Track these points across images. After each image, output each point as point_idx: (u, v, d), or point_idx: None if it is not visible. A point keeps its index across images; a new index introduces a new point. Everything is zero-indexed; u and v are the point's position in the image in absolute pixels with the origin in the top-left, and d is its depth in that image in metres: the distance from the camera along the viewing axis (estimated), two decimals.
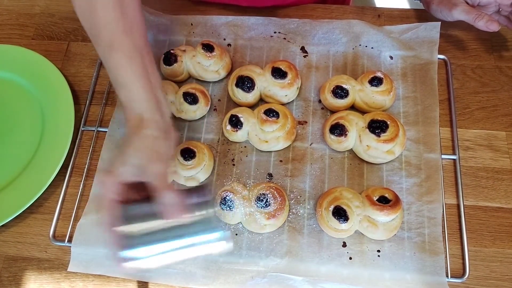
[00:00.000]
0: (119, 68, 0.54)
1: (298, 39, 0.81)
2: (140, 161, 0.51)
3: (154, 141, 0.52)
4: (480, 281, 0.63)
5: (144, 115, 0.53)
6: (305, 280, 0.62)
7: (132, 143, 0.52)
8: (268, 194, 0.64)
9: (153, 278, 0.65)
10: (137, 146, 0.51)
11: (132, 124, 0.53)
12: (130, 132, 0.53)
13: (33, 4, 0.91)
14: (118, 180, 0.50)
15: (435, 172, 0.68)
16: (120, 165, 0.51)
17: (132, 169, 0.51)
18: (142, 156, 0.51)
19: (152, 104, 0.54)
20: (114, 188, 0.50)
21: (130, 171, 0.51)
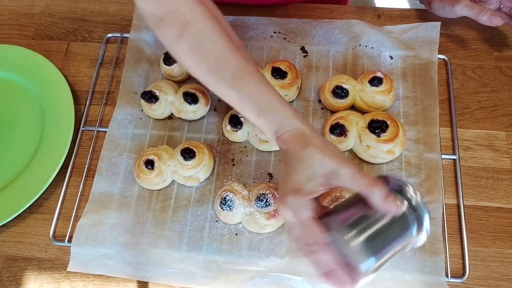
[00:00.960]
0: (257, 92, 0.53)
1: (298, 39, 0.81)
2: (328, 169, 0.47)
3: (329, 147, 0.50)
4: (480, 281, 0.63)
5: (303, 129, 0.51)
6: (305, 280, 0.62)
7: (309, 156, 0.48)
8: (268, 194, 0.64)
9: (153, 278, 0.65)
10: (316, 158, 0.48)
11: (295, 142, 0.50)
12: (296, 149, 0.50)
13: (33, 4, 0.91)
14: (310, 196, 0.47)
15: (435, 172, 0.68)
16: (306, 182, 0.47)
17: (321, 180, 0.47)
18: (328, 164, 0.48)
19: (301, 117, 0.52)
20: (308, 206, 0.47)
21: (319, 183, 0.47)
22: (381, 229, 0.46)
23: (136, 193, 0.70)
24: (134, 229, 0.67)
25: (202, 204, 0.69)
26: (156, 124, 0.76)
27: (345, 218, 0.47)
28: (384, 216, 0.46)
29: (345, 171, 0.47)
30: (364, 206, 0.47)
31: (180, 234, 0.67)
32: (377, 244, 0.45)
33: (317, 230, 0.46)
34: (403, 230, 0.46)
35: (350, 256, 0.45)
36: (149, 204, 0.69)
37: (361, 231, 0.45)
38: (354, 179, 0.46)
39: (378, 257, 0.45)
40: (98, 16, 0.88)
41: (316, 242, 0.46)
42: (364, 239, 0.45)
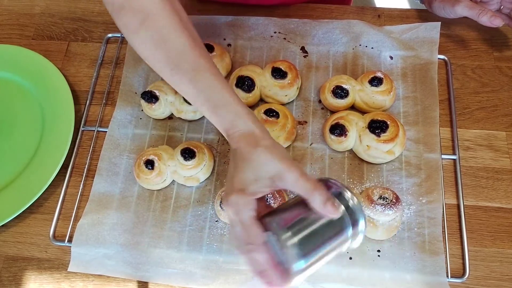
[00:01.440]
0: (213, 88, 0.53)
1: (298, 39, 0.81)
2: (275, 171, 0.48)
3: (278, 150, 0.50)
4: (480, 281, 0.63)
5: (254, 130, 0.51)
6: (305, 280, 0.62)
7: (257, 157, 0.49)
8: (268, 194, 0.64)
9: (153, 278, 0.65)
10: (262, 159, 0.49)
11: (244, 141, 0.51)
12: (245, 149, 0.50)
13: (33, 4, 0.91)
14: (254, 197, 0.48)
15: (435, 172, 0.68)
16: (252, 182, 0.48)
17: (267, 181, 0.48)
18: (275, 166, 0.48)
19: (254, 117, 0.53)
20: (251, 206, 0.47)
21: (264, 184, 0.48)
22: (316, 230, 0.47)
23: (136, 193, 0.70)
24: (134, 229, 0.67)
25: (202, 204, 0.69)
26: (156, 124, 0.76)
27: (285, 219, 0.48)
28: (321, 218, 0.47)
29: (291, 175, 0.47)
30: (305, 208, 0.48)
31: (180, 234, 0.67)
32: (310, 245, 0.47)
33: (256, 230, 0.47)
34: (338, 232, 0.48)
35: (284, 256, 0.46)
36: (149, 204, 0.69)
37: (296, 232, 0.46)
38: (298, 183, 0.47)
39: (309, 258, 0.46)
40: (98, 16, 0.88)
41: (253, 241, 0.47)
42: (298, 240, 0.46)
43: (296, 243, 0.46)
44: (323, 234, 0.47)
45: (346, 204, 0.48)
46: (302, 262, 0.46)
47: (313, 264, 0.47)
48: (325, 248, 0.48)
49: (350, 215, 0.48)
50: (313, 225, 0.47)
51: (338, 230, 0.48)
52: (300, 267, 0.46)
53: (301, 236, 0.46)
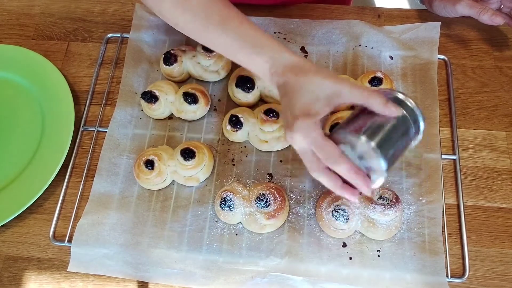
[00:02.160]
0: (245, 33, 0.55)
1: (298, 39, 0.81)
2: (329, 90, 0.50)
3: (326, 70, 0.53)
4: (480, 281, 0.63)
5: (297, 61, 0.53)
6: (305, 280, 0.62)
7: (310, 82, 0.51)
8: (268, 194, 0.64)
9: (153, 278, 0.65)
10: (317, 82, 0.51)
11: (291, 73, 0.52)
12: (294, 78, 0.52)
13: (33, 4, 0.91)
14: (318, 117, 0.50)
15: (435, 172, 0.68)
16: (312, 105, 0.50)
17: (325, 101, 0.50)
18: (328, 85, 0.51)
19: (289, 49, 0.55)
20: (318, 125, 0.49)
21: (323, 104, 0.50)
22: (387, 132, 0.50)
23: (136, 193, 0.70)
24: (134, 229, 0.67)
25: (202, 204, 0.69)
26: (156, 124, 0.76)
27: (352, 129, 0.51)
28: (387, 121, 0.50)
29: (346, 88, 0.50)
30: (367, 116, 0.51)
31: (180, 234, 0.67)
32: (386, 145, 0.49)
33: (331, 144, 0.49)
34: (405, 132, 0.51)
35: (364, 162, 0.50)
36: (149, 204, 0.69)
37: (370, 136, 0.49)
38: (354, 93, 0.50)
39: (389, 157, 0.49)
40: (98, 16, 0.88)
41: (331, 156, 0.49)
42: (375, 143, 0.48)
43: (374, 145, 0.48)
44: (394, 134, 0.50)
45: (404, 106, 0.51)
46: (384, 162, 0.49)
47: (392, 162, 0.50)
48: (398, 147, 0.51)
49: (410, 115, 0.51)
50: (382, 128, 0.50)
51: (405, 130, 0.51)
52: (384, 167, 0.49)
53: (376, 138, 0.49)
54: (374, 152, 0.48)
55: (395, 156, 0.51)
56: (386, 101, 0.50)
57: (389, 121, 0.50)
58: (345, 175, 0.49)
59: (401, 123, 0.51)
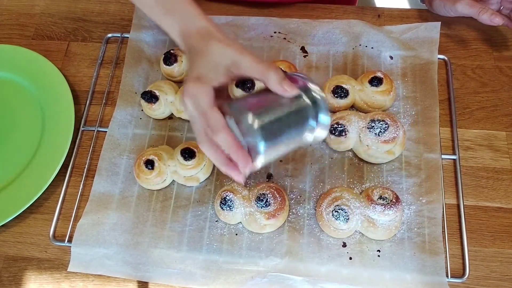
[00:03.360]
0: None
1: (298, 39, 0.81)
2: (230, 60, 0.50)
3: (231, 40, 0.52)
4: (480, 281, 0.63)
5: (208, 27, 0.53)
6: (305, 280, 0.62)
7: (212, 49, 0.51)
8: (268, 194, 0.64)
9: (153, 278, 0.65)
10: (218, 49, 0.50)
11: (198, 37, 0.53)
12: (200, 44, 0.52)
13: (33, 4, 0.91)
14: (211, 84, 0.49)
15: (435, 172, 0.68)
16: (208, 71, 0.50)
17: (223, 70, 0.50)
18: (229, 54, 0.50)
19: (206, 16, 0.55)
20: (208, 93, 0.48)
21: (221, 73, 0.50)
22: (278, 115, 0.48)
23: (136, 193, 0.70)
24: (134, 229, 0.67)
25: (202, 204, 0.69)
26: (156, 124, 0.76)
27: (246, 105, 0.49)
28: (281, 104, 0.48)
29: (245, 60, 0.49)
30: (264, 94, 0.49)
31: (180, 234, 0.67)
32: (272, 128, 0.47)
33: (215, 115, 0.48)
34: (301, 119, 0.49)
35: (246, 139, 0.47)
36: (149, 204, 0.69)
37: (258, 115, 0.47)
38: (252, 66, 0.49)
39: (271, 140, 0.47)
40: (98, 16, 0.88)
41: (213, 127, 0.48)
42: (260, 123, 0.47)
43: (258, 125, 0.47)
44: (285, 119, 0.48)
45: (312, 96, 0.49)
46: (262, 143, 0.47)
47: (275, 146, 0.48)
48: (287, 133, 0.49)
49: (313, 105, 0.49)
50: (273, 109, 0.48)
51: (301, 117, 0.49)
52: (261, 148, 0.47)
53: (262, 119, 0.47)
54: (255, 131, 0.47)
55: (280, 141, 0.49)
56: (282, 79, 0.48)
57: (283, 104, 0.49)
58: (225, 147, 0.48)
59: (298, 110, 0.49)
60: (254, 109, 0.48)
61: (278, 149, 0.49)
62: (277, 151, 0.49)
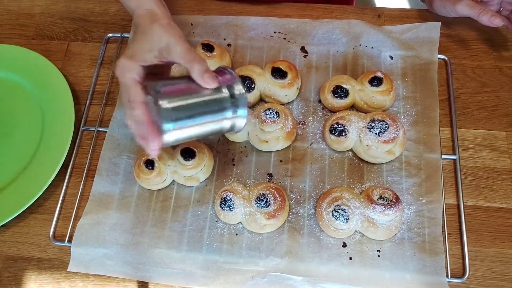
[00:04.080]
0: None
1: (298, 39, 0.81)
2: (165, 44, 0.54)
3: (173, 27, 0.56)
4: (480, 281, 0.63)
5: (156, 11, 0.58)
6: (305, 280, 0.62)
7: (152, 31, 0.55)
8: (268, 194, 0.64)
9: (153, 278, 0.65)
10: (158, 32, 0.55)
11: (145, 18, 0.57)
12: (145, 24, 0.57)
13: (33, 4, 0.91)
14: (141, 63, 0.53)
15: (435, 172, 0.68)
16: (142, 51, 0.54)
17: (156, 52, 0.54)
18: (166, 39, 0.54)
19: (160, 4, 0.59)
20: (135, 70, 0.53)
21: (153, 54, 0.54)
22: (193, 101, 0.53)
23: (136, 193, 0.70)
24: (134, 229, 0.67)
25: (202, 204, 0.69)
26: None
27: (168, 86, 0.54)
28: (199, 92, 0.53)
29: (177, 47, 0.54)
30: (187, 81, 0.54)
31: (180, 234, 0.67)
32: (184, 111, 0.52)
33: (136, 90, 0.52)
34: (218, 109, 0.54)
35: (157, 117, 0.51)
36: (149, 204, 0.69)
37: (172, 97, 0.52)
38: (182, 54, 0.54)
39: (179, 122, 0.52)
40: (98, 16, 0.88)
41: (133, 100, 0.52)
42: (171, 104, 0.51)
43: (169, 106, 0.51)
44: (200, 106, 0.53)
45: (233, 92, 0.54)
46: (171, 124, 0.51)
47: (185, 128, 0.53)
48: (199, 118, 0.54)
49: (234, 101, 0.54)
50: (190, 96, 0.53)
51: (217, 107, 0.54)
52: (168, 128, 0.51)
53: (173, 102, 0.52)
54: (161, 111, 0.51)
55: (190, 125, 0.53)
56: (205, 71, 0.52)
57: (203, 93, 0.53)
58: (139, 121, 0.52)
59: (216, 100, 0.54)
60: (169, 92, 0.52)
61: (189, 131, 0.54)
62: (189, 133, 0.54)
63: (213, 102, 0.54)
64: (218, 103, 0.54)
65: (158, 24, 0.56)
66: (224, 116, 0.55)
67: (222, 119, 0.55)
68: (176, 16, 0.83)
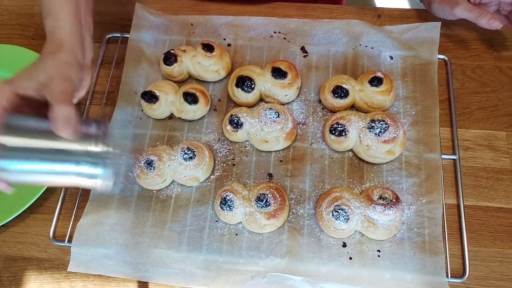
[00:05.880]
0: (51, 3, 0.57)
1: (298, 39, 0.81)
2: (46, 79, 0.50)
3: (67, 67, 0.53)
4: (480, 281, 0.63)
5: (64, 43, 0.55)
6: (305, 280, 0.62)
7: (44, 62, 0.52)
8: (268, 194, 0.64)
9: (153, 278, 0.65)
10: (48, 65, 0.52)
11: (50, 48, 0.55)
12: (45, 54, 0.54)
13: (33, 4, 0.91)
14: (16, 90, 0.50)
15: (435, 172, 0.68)
16: (24, 78, 0.51)
17: (35, 84, 0.50)
18: (50, 74, 0.51)
19: (75, 37, 0.56)
20: (7, 96, 0.49)
21: (32, 86, 0.50)
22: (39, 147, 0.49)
23: (136, 193, 0.70)
24: (134, 229, 0.67)
25: (202, 204, 0.69)
26: (156, 124, 0.76)
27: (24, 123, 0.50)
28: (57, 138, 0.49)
29: (54, 84, 0.50)
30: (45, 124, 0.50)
31: (180, 234, 0.67)
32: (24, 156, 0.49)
33: None
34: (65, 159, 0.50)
35: None
36: (149, 204, 0.69)
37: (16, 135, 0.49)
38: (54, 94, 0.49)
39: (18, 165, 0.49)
40: (98, 16, 0.87)
41: None
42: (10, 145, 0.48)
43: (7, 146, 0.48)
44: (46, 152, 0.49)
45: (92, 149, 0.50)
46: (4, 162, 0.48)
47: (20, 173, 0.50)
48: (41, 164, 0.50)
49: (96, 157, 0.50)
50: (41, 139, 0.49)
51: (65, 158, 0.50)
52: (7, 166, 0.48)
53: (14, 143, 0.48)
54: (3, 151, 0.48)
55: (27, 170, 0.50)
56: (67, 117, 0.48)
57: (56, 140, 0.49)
58: None
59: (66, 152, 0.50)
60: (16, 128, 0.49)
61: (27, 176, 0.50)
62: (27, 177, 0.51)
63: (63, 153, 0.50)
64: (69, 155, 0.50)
65: (54, 57, 0.53)
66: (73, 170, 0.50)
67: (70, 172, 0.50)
68: (176, 16, 0.83)
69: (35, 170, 0.50)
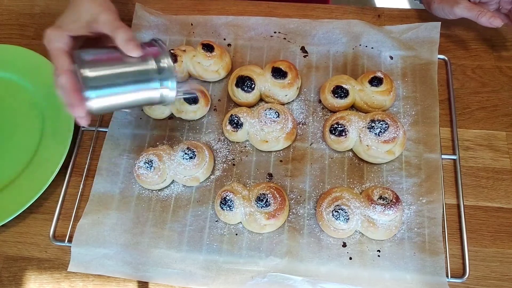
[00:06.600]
0: None
1: (298, 39, 0.81)
2: (91, 16, 0.56)
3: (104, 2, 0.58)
4: (480, 281, 0.63)
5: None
6: (305, 280, 0.62)
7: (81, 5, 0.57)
8: (268, 194, 0.64)
9: (153, 278, 0.65)
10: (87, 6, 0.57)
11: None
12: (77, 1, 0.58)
13: (33, 4, 0.91)
14: (68, 33, 0.55)
15: (435, 172, 0.68)
16: (70, 22, 0.57)
17: (83, 23, 0.56)
18: (93, 12, 0.56)
19: None
20: (62, 39, 0.55)
21: (81, 25, 0.56)
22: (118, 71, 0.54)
23: (136, 193, 0.70)
24: (134, 229, 0.67)
25: (202, 204, 0.69)
26: (156, 124, 0.76)
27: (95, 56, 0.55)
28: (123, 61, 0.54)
29: (104, 17, 0.56)
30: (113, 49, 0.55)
31: (180, 234, 0.67)
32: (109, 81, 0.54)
33: (62, 58, 0.54)
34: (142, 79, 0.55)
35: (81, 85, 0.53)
36: (149, 204, 0.69)
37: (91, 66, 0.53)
38: (106, 23, 0.54)
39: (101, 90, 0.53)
40: None
41: (59, 68, 0.54)
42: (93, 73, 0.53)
43: (90, 75, 0.52)
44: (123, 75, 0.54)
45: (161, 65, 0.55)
46: (92, 92, 0.53)
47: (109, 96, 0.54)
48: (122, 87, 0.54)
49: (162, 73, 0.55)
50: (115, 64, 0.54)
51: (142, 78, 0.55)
52: (90, 96, 0.53)
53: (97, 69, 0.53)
54: (84, 79, 0.52)
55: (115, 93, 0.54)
56: (128, 39, 0.53)
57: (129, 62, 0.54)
58: (63, 89, 0.54)
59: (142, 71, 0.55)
60: (93, 61, 0.53)
61: (113, 99, 0.55)
62: (113, 101, 0.55)
63: (138, 72, 0.55)
64: (143, 73, 0.55)
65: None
66: (150, 87, 0.56)
67: (148, 89, 0.56)
68: (176, 16, 0.83)
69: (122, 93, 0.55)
